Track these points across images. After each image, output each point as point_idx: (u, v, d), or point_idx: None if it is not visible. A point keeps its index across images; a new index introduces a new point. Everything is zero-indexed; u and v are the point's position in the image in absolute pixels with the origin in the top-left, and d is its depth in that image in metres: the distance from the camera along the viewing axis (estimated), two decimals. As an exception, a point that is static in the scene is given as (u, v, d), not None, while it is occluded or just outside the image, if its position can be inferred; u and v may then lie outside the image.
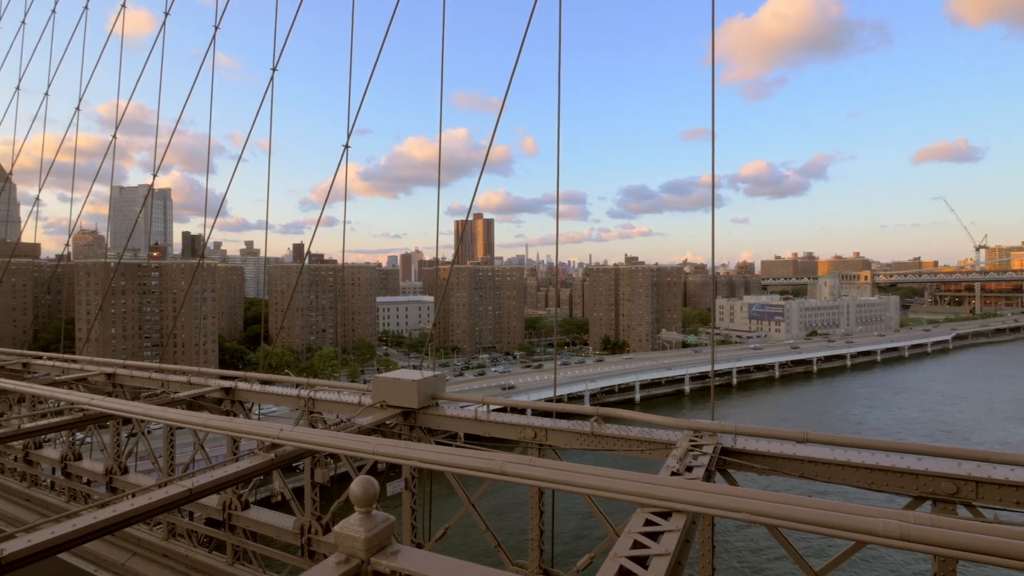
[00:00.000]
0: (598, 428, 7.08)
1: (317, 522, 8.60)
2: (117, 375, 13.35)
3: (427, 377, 8.48)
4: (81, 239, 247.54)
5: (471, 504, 7.54)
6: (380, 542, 3.53)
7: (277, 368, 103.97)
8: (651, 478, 4.48)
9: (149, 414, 8.22)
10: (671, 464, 5.43)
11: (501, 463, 4.92)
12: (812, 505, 3.77)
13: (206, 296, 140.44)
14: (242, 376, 11.32)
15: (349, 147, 14.16)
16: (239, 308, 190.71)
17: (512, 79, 11.47)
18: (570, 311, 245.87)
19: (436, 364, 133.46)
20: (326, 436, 6.43)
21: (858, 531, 3.52)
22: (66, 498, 13.55)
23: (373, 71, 13.95)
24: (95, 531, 5.11)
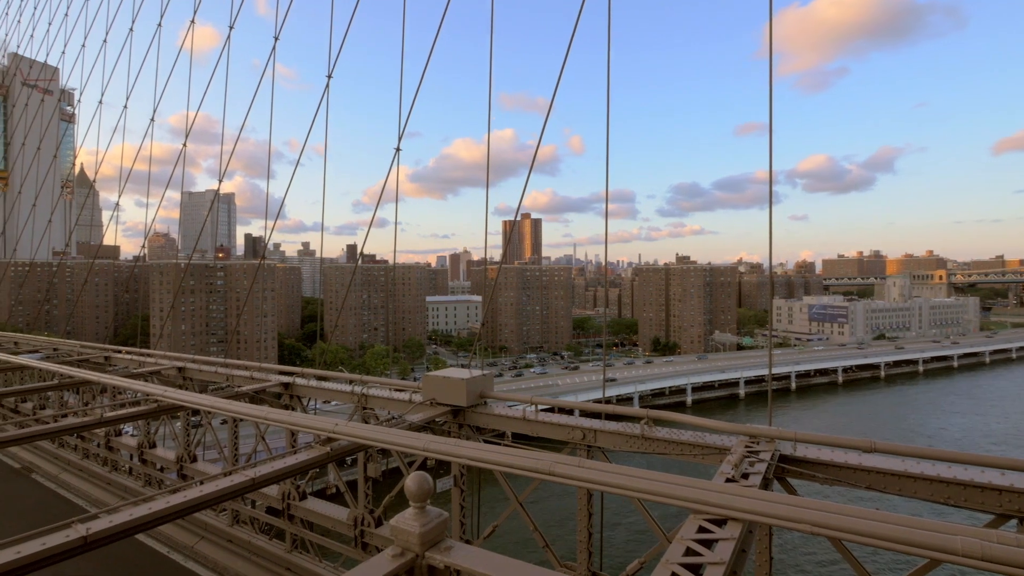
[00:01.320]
0: (648, 431, 6.94)
1: (370, 515, 8.84)
2: (187, 369, 14.19)
3: (476, 376, 8.55)
4: (155, 241, 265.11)
5: (519, 503, 7.55)
6: (434, 537, 3.58)
7: (332, 365, 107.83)
8: (705, 484, 4.34)
9: (216, 406, 8.70)
10: (726, 470, 5.24)
11: (550, 463, 4.90)
12: (882, 519, 3.55)
13: (266, 295, 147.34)
14: (299, 372, 11.79)
15: (400, 150, 14.50)
16: (297, 307, 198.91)
17: (560, 80, 11.40)
18: (619, 311, 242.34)
19: (484, 363, 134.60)
20: (379, 432, 6.59)
21: (934, 549, 3.28)
22: (142, 483, 14.54)
23: (423, 76, 14.22)
24: (168, 515, 5.45)
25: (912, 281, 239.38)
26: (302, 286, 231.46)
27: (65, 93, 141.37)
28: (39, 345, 22.54)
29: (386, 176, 14.04)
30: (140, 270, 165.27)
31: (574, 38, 11.04)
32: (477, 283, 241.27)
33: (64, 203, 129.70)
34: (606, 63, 10.53)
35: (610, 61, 10.43)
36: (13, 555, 4.25)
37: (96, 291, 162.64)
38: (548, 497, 51.68)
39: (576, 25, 10.99)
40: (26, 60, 65.88)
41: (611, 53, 10.53)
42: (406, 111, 13.84)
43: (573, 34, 11.04)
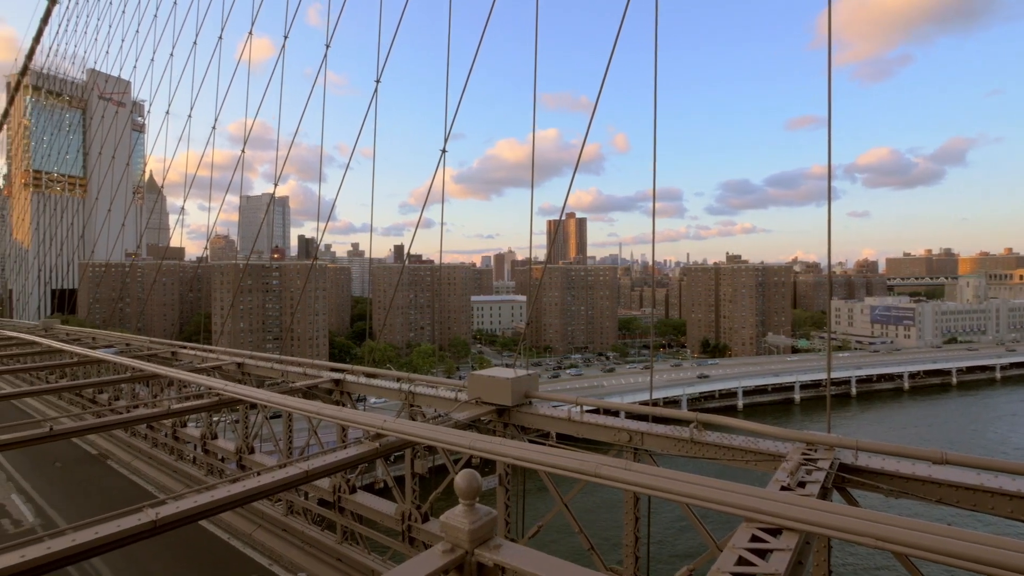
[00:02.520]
0: (698, 435, 6.75)
1: (416, 510, 9.00)
2: (245, 365, 14.87)
3: (521, 376, 8.56)
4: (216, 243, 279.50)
5: (564, 504, 7.50)
6: (483, 535, 3.61)
7: (380, 363, 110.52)
8: (758, 491, 4.18)
9: (272, 401, 9.07)
10: (781, 478, 5.03)
11: (595, 465, 4.84)
12: (958, 535, 3.30)
13: (318, 294, 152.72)
14: (349, 369, 12.15)
15: (446, 151, 14.71)
16: (347, 306, 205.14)
17: (604, 80, 11.27)
18: (666, 312, 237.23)
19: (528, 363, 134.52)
20: (426, 429, 6.70)
21: (1018, 571, 3.03)
22: (205, 471, 15.35)
23: (467, 78, 14.36)
24: (228, 503, 5.73)
25: (988, 281, 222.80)
26: (351, 286, 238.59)
27: (136, 105, 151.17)
28: (114, 340, 24.18)
29: (432, 177, 14.28)
30: (203, 270, 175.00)
31: (619, 37, 10.89)
32: (521, 283, 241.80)
33: (135, 208, 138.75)
34: (649, 61, 10.31)
35: (657, 53, 10.21)
36: (92, 535, 4.63)
37: (163, 290, 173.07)
38: (593, 499, 51.16)
39: (621, 24, 10.84)
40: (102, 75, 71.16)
41: (657, 50, 10.31)
42: (451, 113, 14.02)
43: (618, 34, 10.89)
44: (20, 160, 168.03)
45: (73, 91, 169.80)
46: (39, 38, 46.12)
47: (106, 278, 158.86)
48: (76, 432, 10.57)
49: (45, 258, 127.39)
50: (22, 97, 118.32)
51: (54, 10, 42.59)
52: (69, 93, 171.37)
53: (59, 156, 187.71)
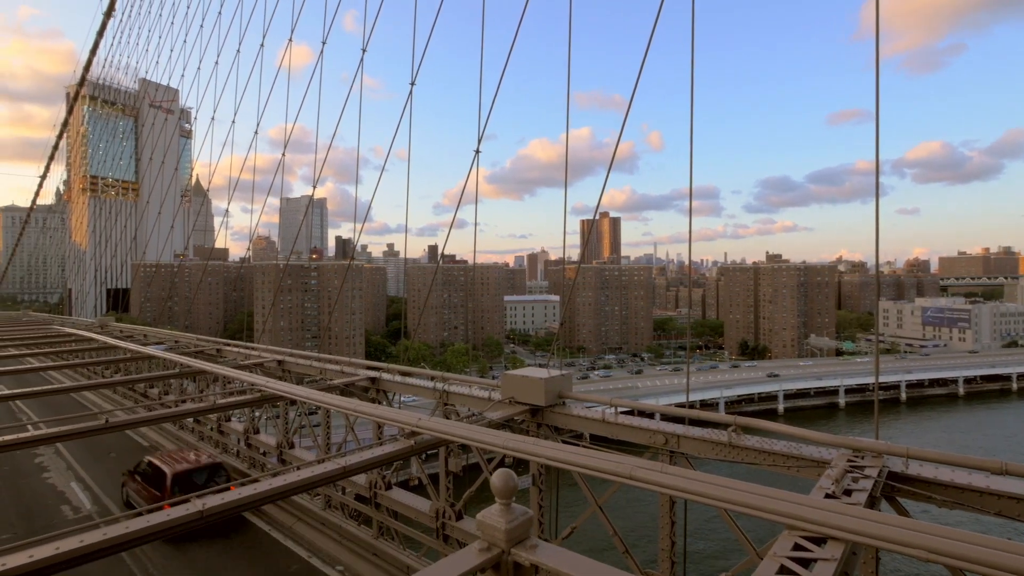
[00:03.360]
0: (736, 439, 6.58)
1: (451, 508, 9.08)
2: (286, 362, 15.32)
3: (554, 376, 8.54)
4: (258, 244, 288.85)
5: (598, 506, 7.44)
6: (519, 535, 3.61)
7: (414, 361, 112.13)
8: (801, 498, 4.04)
9: (311, 397, 9.32)
10: (825, 485, 4.86)
11: (630, 467, 4.78)
12: (1017, 551, 3.11)
13: (355, 294, 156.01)
14: (385, 368, 12.37)
15: (479, 152, 14.79)
16: (382, 305, 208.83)
17: (639, 78, 11.11)
18: (703, 312, 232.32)
19: (562, 363, 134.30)
20: (460, 428, 6.75)
21: (1085, 590, 2.84)
22: (247, 465, 15.88)
23: (501, 79, 14.40)
24: (270, 496, 5.92)
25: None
26: (387, 285, 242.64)
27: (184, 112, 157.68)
28: (163, 338, 25.29)
29: (466, 178, 14.39)
30: (245, 270, 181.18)
31: (654, 34, 10.71)
32: (555, 283, 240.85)
33: (183, 210, 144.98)
34: (684, 58, 10.11)
35: (694, 49, 10.01)
36: (144, 523, 4.87)
37: (209, 289, 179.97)
38: (628, 501, 50.59)
39: (656, 21, 10.67)
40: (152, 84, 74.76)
41: (694, 45, 10.11)
42: (485, 114, 14.09)
43: (653, 31, 10.72)
44: (78, 166, 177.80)
45: (126, 100, 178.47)
46: (95, 50, 48.68)
47: (156, 278, 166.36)
48: (129, 425, 11.10)
49: (101, 259, 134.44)
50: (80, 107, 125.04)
51: (109, 23, 44.87)
52: (122, 102, 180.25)
53: (113, 162, 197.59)
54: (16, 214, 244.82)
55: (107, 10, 43.73)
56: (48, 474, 17.25)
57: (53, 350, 26.62)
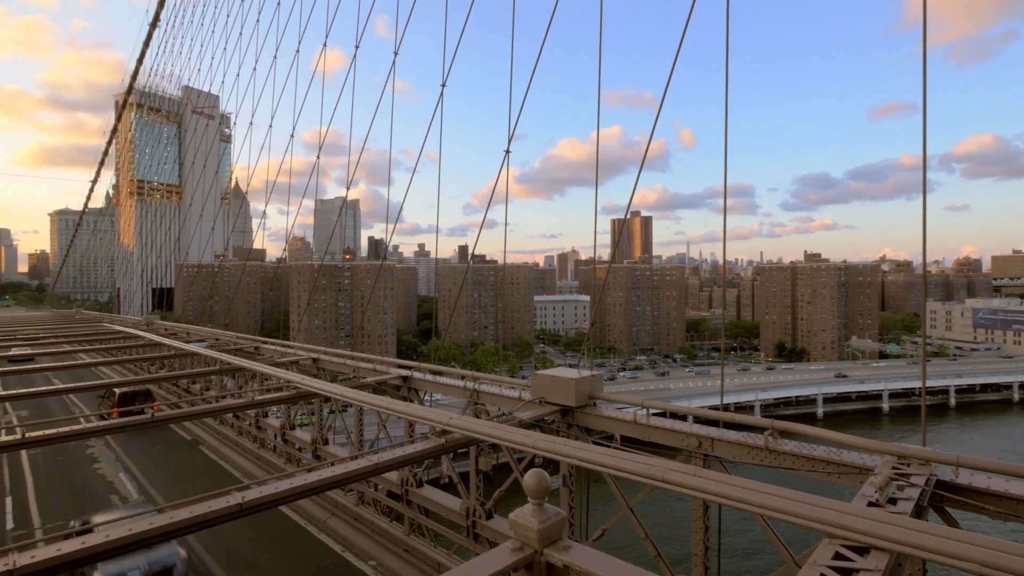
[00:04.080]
0: (773, 443, 6.40)
1: (481, 507, 9.12)
2: (320, 360, 15.66)
3: (585, 376, 8.47)
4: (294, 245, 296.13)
5: (629, 508, 7.35)
6: (552, 535, 3.59)
7: (445, 361, 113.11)
8: (843, 506, 3.90)
9: (345, 395, 9.50)
10: (868, 493, 4.67)
11: (663, 470, 4.71)
12: (1081, 567, 2.93)
13: (387, 293, 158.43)
14: (416, 366, 12.51)
15: (510, 152, 14.82)
16: (413, 305, 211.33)
17: (671, 76, 10.93)
18: (737, 313, 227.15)
19: (592, 364, 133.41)
20: (490, 427, 6.77)
21: None
22: (284, 460, 16.31)
23: (531, 79, 14.38)
24: (305, 491, 6.06)
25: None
26: (418, 285, 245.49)
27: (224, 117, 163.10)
28: (205, 335, 26.20)
29: (496, 178, 14.44)
30: (282, 271, 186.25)
31: (686, 31, 10.53)
32: (585, 283, 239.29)
33: (223, 212, 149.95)
34: (716, 53, 9.90)
35: (728, 43, 9.78)
36: (187, 514, 5.07)
37: (247, 289, 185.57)
38: (660, 505, 49.88)
39: (689, 18, 10.48)
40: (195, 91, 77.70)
41: (729, 40, 9.88)
42: (515, 114, 14.11)
43: (686, 27, 10.54)
44: (126, 171, 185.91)
45: (170, 107, 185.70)
46: (141, 60, 50.85)
47: (198, 278, 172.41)
48: (173, 419, 11.55)
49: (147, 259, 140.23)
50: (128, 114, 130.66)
51: (154, 33, 46.79)
52: (167, 109, 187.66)
53: (158, 166, 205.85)
54: (70, 217, 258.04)
55: (152, 21, 45.64)
56: (99, 465, 18.11)
57: (103, 347, 27.97)
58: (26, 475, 17.10)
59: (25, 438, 8.75)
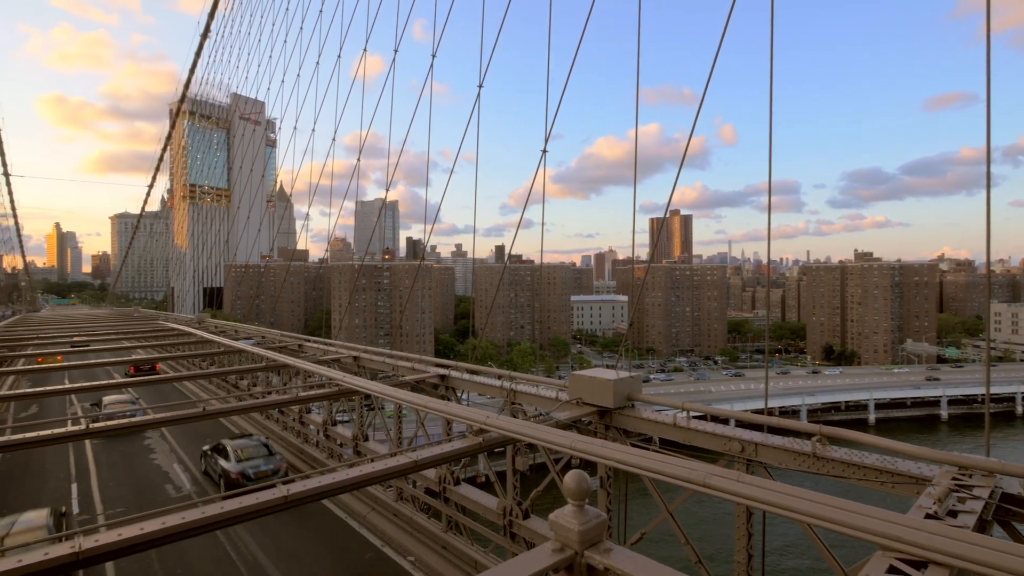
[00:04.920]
0: (821, 449, 6.16)
1: (518, 507, 9.13)
2: (361, 358, 16.01)
3: (623, 377, 8.37)
4: (335, 246, 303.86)
5: (669, 512, 7.21)
6: (593, 537, 3.56)
7: (481, 360, 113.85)
8: (899, 517, 3.72)
9: (384, 393, 9.68)
10: (925, 504, 4.44)
11: (704, 474, 4.60)
12: None
13: (424, 293, 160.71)
14: (454, 365, 12.63)
15: (547, 151, 14.77)
16: (450, 304, 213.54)
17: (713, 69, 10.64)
18: (782, 314, 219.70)
19: (631, 365, 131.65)
20: (527, 427, 6.77)
21: None
22: (326, 455, 16.75)
23: (568, 79, 14.30)
24: (346, 486, 6.21)
25: None
26: (455, 285, 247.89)
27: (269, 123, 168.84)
28: (252, 333, 27.19)
29: (532, 177, 14.41)
30: (323, 271, 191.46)
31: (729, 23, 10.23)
32: (623, 283, 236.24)
33: (269, 215, 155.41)
34: (758, 45, 9.59)
35: (773, 33, 9.46)
36: (237, 504, 5.28)
37: (291, 288, 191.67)
38: (700, 510, 48.79)
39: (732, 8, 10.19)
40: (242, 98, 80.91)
41: (773, 29, 9.55)
42: (551, 114, 14.05)
43: (729, 17, 10.25)
44: (179, 176, 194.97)
45: (219, 114, 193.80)
46: (193, 69, 53.17)
47: (245, 278, 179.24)
48: (223, 413, 12.04)
49: (198, 260, 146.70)
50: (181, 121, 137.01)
51: (205, 44, 48.85)
52: (216, 116, 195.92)
53: (209, 171, 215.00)
54: (128, 220, 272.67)
55: (203, 32, 47.65)
56: (155, 455, 19.06)
57: (159, 343, 29.51)
58: (90, 463, 18.16)
59: (89, 429, 9.30)
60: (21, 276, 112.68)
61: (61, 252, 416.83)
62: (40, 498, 15.22)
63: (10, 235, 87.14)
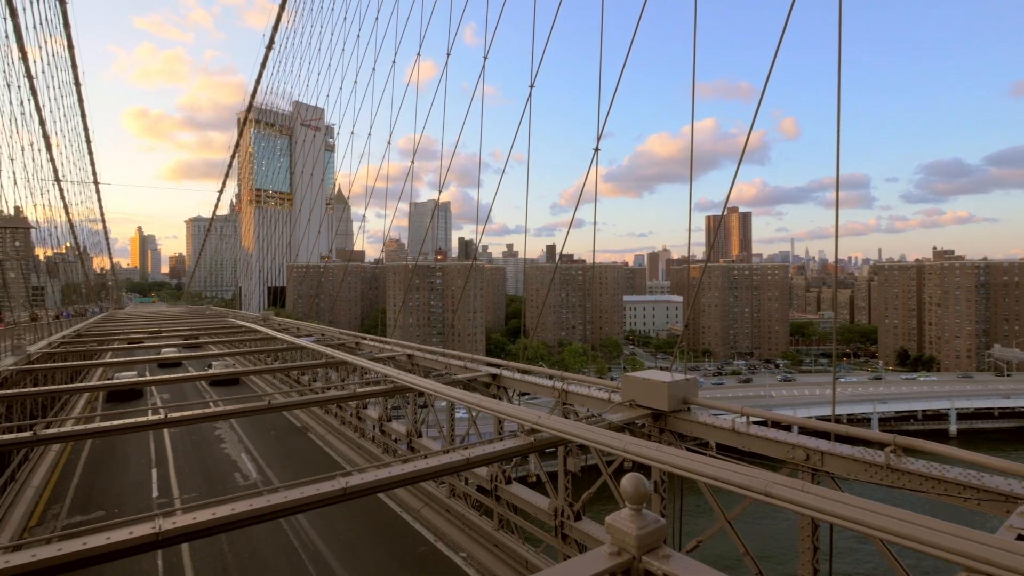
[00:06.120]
0: (896, 460, 5.76)
1: (569, 508, 9.06)
2: (415, 356, 16.36)
3: (679, 380, 8.14)
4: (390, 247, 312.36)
5: (727, 521, 6.95)
6: (651, 542, 3.47)
7: (532, 360, 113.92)
8: (986, 537, 3.42)
9: (438, 390, 9.85)
10: (1017, 524, 4.07)
11: (766, 483, 4.40)
12: None
13: (476, 293, 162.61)
14: (505, 365, 12.69)
15: (599, 150, 14.58)
16: (501, 304, 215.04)
17: (775, 61, 10.16)
18: (851, 316, 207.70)
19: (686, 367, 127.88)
20: (579, 428, 6.71)
21: None
22: (381, 450, 17.24)
23: (620, 76, 14.05)
24: (400, 481, 6.36)
25: None
26: (506, 285, 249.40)
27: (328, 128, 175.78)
28: (312, 331, 28.34)
29: (584, 176, 14.26)
30: (379, 271, 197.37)
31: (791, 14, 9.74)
32: (677, 283, 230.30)
33: (328, 217, 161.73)
34: (823, 29, 9.05)
35: (842, 13, 8.92)
36: (299, 494, 5.52)
37: (348, 288, 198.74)
38: (762, 520, 46.91)
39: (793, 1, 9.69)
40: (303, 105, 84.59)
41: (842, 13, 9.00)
42: (604, 112, 13.86)
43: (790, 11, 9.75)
44: (246, 181, 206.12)
45: (282, 121, 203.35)
46: (259, 80, 56.01)
47: (306, 277, 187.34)
48: (286, 407, 12.62)
49: (263, 261, 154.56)
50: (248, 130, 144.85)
51: (270, 56, 51.38)
52: (279, 123, 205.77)
53: (273, 176, 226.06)
54: (201, 223, 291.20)
55: (268, 44, 50.13)
56: (224, 445, 20.24)
57: (228, 339, 31.31)
58: (167, 451, 19.50)
59: (167, 418, 9.98)
60: (108, 276, 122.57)
61: (143, 254, 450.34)
62: (124, 481, 16.49)
63: (99, 239, 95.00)
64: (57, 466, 17.92)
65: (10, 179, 28.96)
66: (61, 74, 43.54)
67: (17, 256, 50.53)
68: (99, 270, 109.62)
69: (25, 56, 31.06)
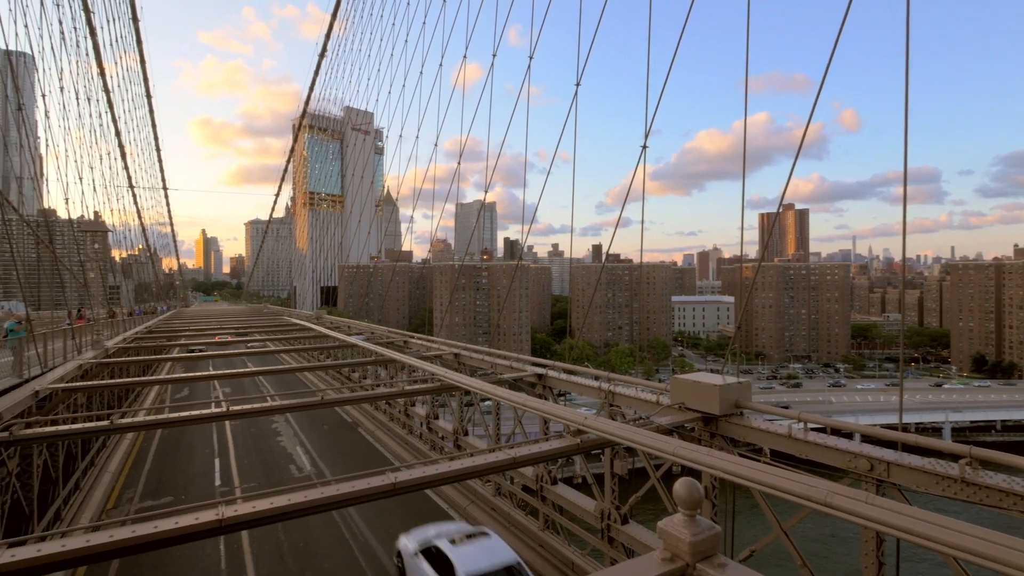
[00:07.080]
0: (972, 474, 5.37)
1: (616, 511, 8.94)
2: (461, 355, 16.56)
3: (731, 383, 7.89)
4: (437, 247, 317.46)
5: (783, 531, 6.68)
6: (706, 549, 3.37)
7: (578, 360, 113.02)
8: (1078, 561, 3.13)
9: (484, 390, 9.93)
10: (1115, 547, 3.70)
11: (826, 492, 4.18)
12: None
13: (521, 293, 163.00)
14: (551, 365, 12.65)
15: (647, 147, 14.30)
16: (547, 304, 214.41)
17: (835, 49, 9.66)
18: (920, 319, 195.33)
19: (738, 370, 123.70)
20: (626, 430, 6.60)
21: None
22: (428, 447, 17.54)
23: (668, 73, 13.74)
24: (447, 478, 6.45)
25: None
26: (552, 285, 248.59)
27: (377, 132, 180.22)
28: (362, 329, 29.17)
29: (632, 174, 14.02)
30: (426, 271, 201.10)
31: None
32: (729, 283, 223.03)
33: (377, 219, 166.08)
34: (885, 13, 8.52)
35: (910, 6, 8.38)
36: (350, 488, 5.70)
37: (397, 288, 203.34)
38: (819, 530, 44.80)
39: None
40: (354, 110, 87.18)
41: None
42: (652, 109, 13.59)
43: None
44: (301, 185, 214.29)
45: (334, 126, 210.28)
46: (312, 87, 58.17)
47: (356, 277, 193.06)
48: (338, 402, 13.04)
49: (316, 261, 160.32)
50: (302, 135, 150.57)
51: (322, 64, 53.27)
52: (331, 128, 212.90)
53: (325, 179, 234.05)
54: (259, 226, 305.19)
55: (320, 52, 52.00)
56: (280, 438, 21.13)
57: (284, 336, 32.62)
58: (229, 442, 20.54)
59: (229, 411, 10.51)
60: (176, 276, 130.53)
61: (206, 255, 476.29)
62: (190, 470, 17.49)
63: (168, 241, 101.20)
64: (131, 453, 19.20)
65: (90, 186, 31.22)
66: (134, 88, 46.64)
67: (96, 257, 54.53)
68: (167, 270, 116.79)
69: (103, 72, 33.44)
